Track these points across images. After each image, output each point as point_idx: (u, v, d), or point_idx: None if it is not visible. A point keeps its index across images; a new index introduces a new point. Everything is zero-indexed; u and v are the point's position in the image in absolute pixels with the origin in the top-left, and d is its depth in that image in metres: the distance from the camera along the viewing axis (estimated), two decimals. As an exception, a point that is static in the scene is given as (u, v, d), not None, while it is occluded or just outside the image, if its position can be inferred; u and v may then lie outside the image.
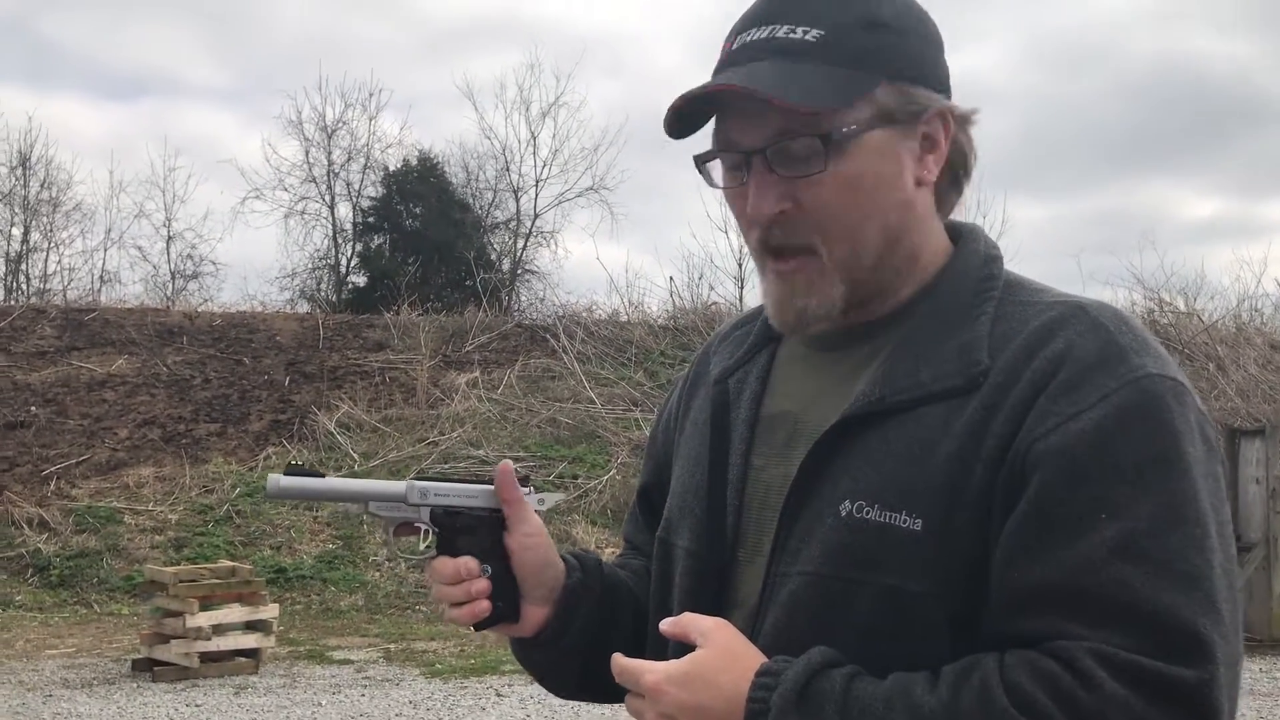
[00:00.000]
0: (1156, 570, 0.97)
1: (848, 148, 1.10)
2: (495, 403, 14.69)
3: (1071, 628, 0.97)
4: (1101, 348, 1.05)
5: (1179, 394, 1.04)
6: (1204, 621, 0.96)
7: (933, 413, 1.07)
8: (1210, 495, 1.01)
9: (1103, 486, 1.00)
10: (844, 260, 1.12)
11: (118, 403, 14.56)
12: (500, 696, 7.65)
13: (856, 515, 1.07)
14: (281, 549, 11.85)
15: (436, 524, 1.27)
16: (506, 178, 24.60)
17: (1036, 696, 0.95)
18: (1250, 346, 16.73)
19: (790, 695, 1.01)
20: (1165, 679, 0.94)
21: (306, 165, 24.05)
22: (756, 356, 1.27)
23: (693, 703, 1.05)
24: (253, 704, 7.44)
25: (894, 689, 1.00)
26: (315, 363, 15.78)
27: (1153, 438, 1.01)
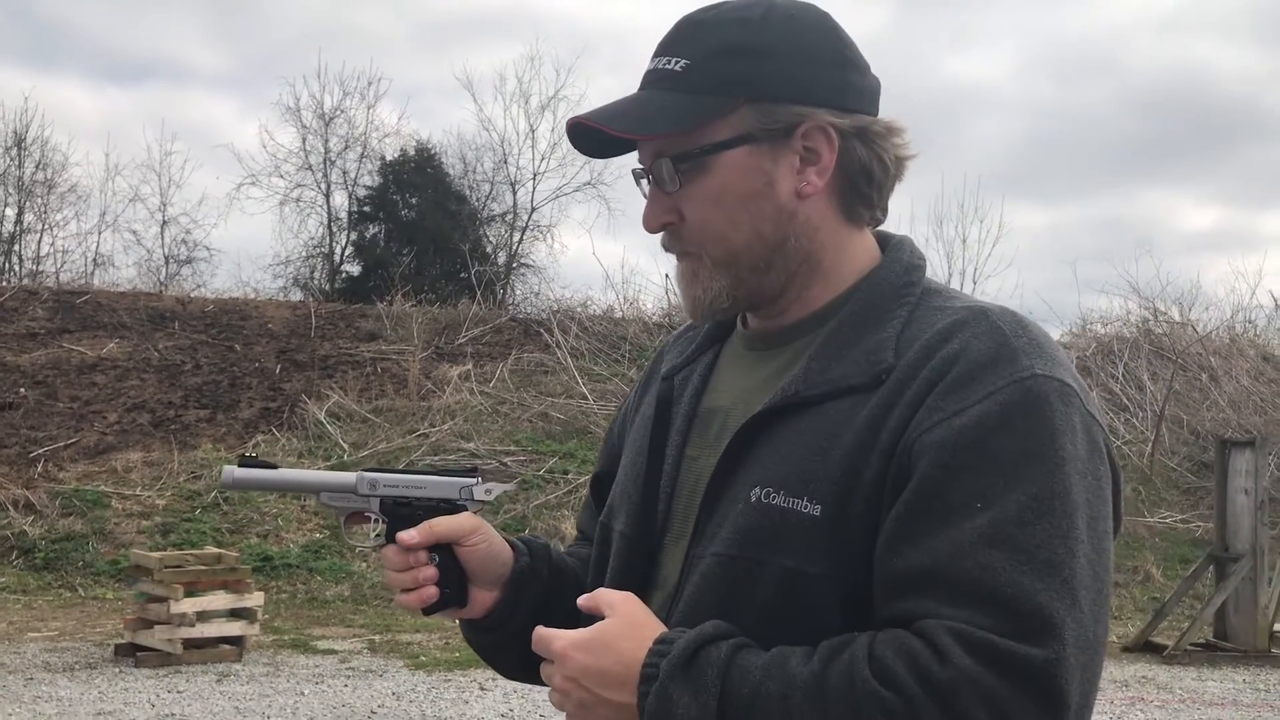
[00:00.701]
0: (1020, 557, 1.03)
1: (709, 165, 1.21)
2: (487, 396, 14.66)
3: (937, 608, 1.04)
4: (994, 349, 1.12)
5: (1064, 394, 1.10)
6: (1058, 606, 1.02)
7: (839, 407, 1.16)
8: (1085, 492, 1.08)
9: (978, 478, 1.06)
10: (721, 261, 1.23)
11: (108, 386, 14.51)
12: (484, 690, 7.63)
13: (764, 501, 1.15)
14: (268, 537, 11.82)
15: (386, 514, 1.33)
16: (504, 170, 24.57)
17: (896, 670, 1.02)
18: (1243, 358, 16.77)
19: (677, 661, 1.09)
20: (1014, 656, 1.00)
21: (303, 153, 24.00)
22: (702, 356, 1.37)
23: (595, 667, 1.12)
24: (235, 692, 7.41)
25: (773, 659, 1.07)
26: (307, 351, 15.74)
27: (1030, 434, 1.07)
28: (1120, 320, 18.13)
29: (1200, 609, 9.65)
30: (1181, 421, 14.94)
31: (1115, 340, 17.21)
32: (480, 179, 24.55)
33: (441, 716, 6.93)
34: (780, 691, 1.05)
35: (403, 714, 6.97)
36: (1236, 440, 10.14)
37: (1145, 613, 10.60)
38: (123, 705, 6.99)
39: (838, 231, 1.26)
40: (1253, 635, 9.30)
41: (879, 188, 1.26)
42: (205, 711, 6.89)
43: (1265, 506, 9.62)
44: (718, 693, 1.06)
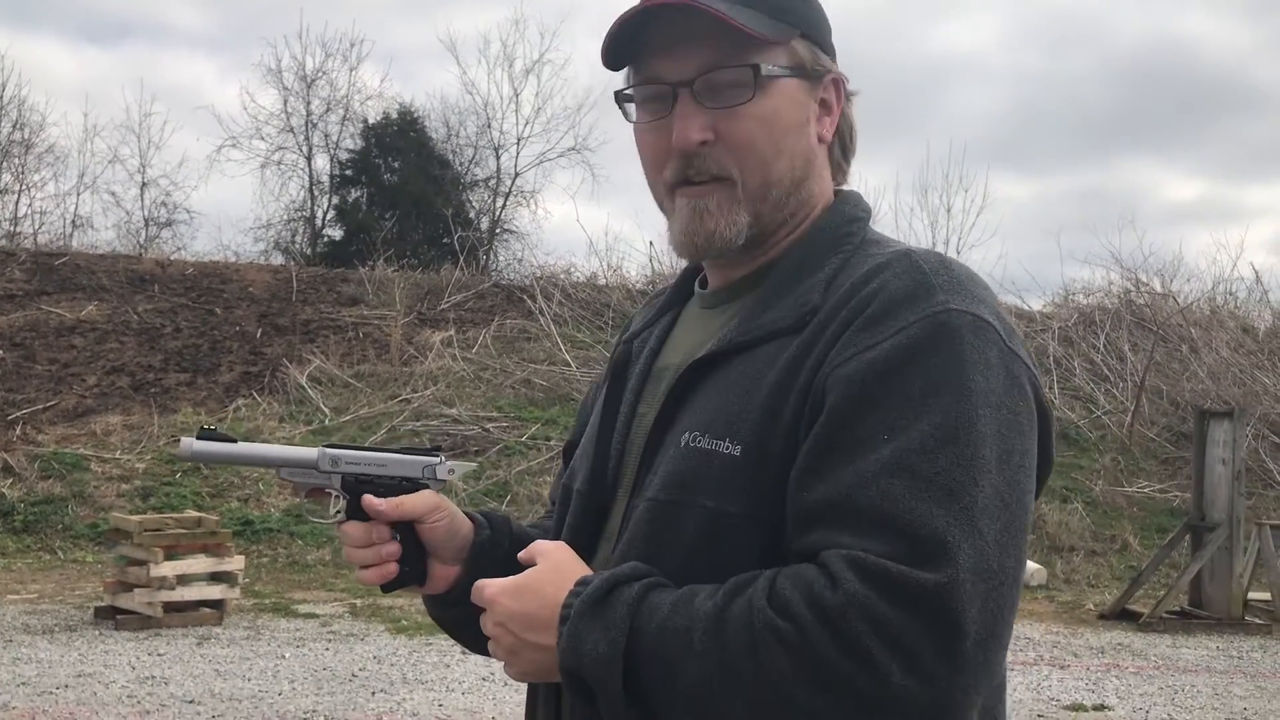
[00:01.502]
0: (919, 484, 1.03)
1: (770, 86, 1.20)
2: (469, 362, 14.63)
3: (839, 538, 1.04)
4: (911, 286, 1.12)
5: (978, 329, 1.10)
6: (955, 532, 1.01)
7: (767, 351, 1.16)
8: (997, 424, 1.06)
9: (885, 411, 1.06)
10: (755, 190, 1.21)
11: (87, 349, 14.41)
12: (465, 654, 7.62)
13: (691, 445, 1.16)
14: (249, 501, 11.80)
15: (348, 490, 1.33)
16: (487, 135, 24.39)
17: (791, 598, 1.02)
18: (1223, 330, 16.86)
19: (588, 600, 1.10)
20: (905, 580, 1.00)
21: (285, 115, 23.76)
22: (661, 319, 1.38)
23: (520, 610, 1.15)
24: (216, 655, 7.42)
25: (681, 596, 1.09)
26: (288, 315, 15.66)
27: (939, 366, 1.07)
28: (1102, 291, 18.20)
29: (1176, 577, 9.75)
30: (1161, 392, 15.03)
31: (1097, 311, 17.28)
32: (463, 143, 24.40)
33: (423, 680, 6.95)
34: (684, 625, 1.06)
35: (384, 677, 6.99)
36: (1215, 411, 10.21)
37: (1122, 581, 10.71)
38: (103, 668, 6.99)
39: (825, 185, 1.28)
40: (1227, 603, 9.41)
41: (853, 152, 1.30)
42: (185, 674, 6.89)
43: (1242, 477, 9.70)
44: (626, 629, 1.07)
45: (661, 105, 1.22)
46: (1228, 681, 7.53)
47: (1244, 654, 8.49)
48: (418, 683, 6.89)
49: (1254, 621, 9.45)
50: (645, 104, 1.24)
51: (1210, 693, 7.22)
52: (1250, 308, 18.39)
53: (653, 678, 1.07)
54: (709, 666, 1.04)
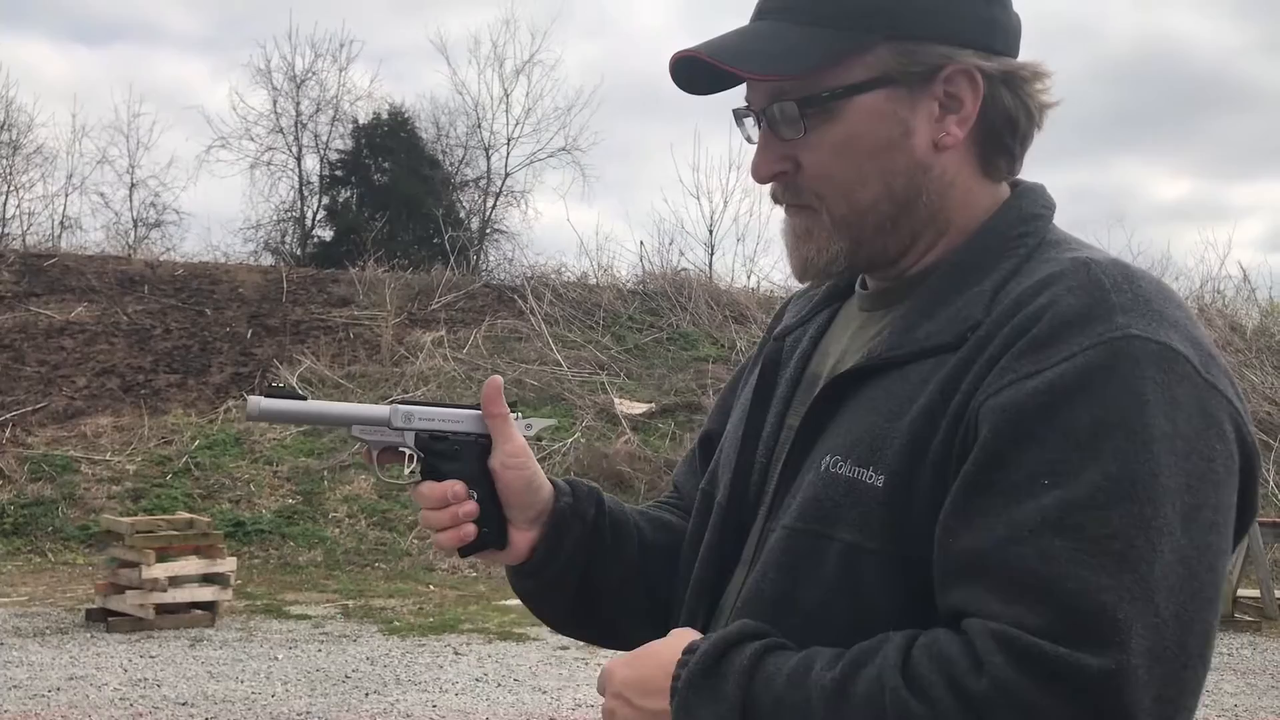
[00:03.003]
0: (1086, 546, 0.89)
1: (838, 111, 1.08)
2: (460, 362, 14.62)
3: (987, 603, 0.91)
4: (1086, 304, 0.98)
5: (1166, 359, 0.95)
6: (1126, 607, 0.88)
7: (920, 369, 1.04)
8: (1184, 474, 0.92)
9: (1049, 451, 0.93)
10: (843, 219, 1.11)
11: (76, 350, 14.36)
12: (458, 655, 7.65)
13: (832, 470, 1.06)
14: (240, 503, 11.77)
15: (421, 449, 1.25)
16: (478, 135, 24.38)
17: (928, 677, 0.91)
18: (1211, 328, 16.93)
19: (697, 670, 1.01)
20: (1064, 664, 0.87)
21: (274, 115, 23.72)
22: (816, 317, 1.26)
23: (634, 677, 1.06)
24: (208, 656, 7.40)
25: (799, 664, 0.98)
26: (278, 316, 15.62)
27: (1115, 403, 0.93)
28: (1091, 290, 18.21)
29: (1166, 575, 9.78)
30: (1150, 390, 15.07)
31: (1086, 310, 17.31)
32: (454, 143, 24.40)
33: (415, 681, 6.95)
34: (802, 700, 0.96)
35: (376, 678, 6.99)
36: (1204, 409, 10.24)
37: (1112, 579, 10.74)
38: (94, 670, 6.97)
39: (972, 188, 1.13)
40: (1217, 601, 9.45)
41: (1022, 139, 1.13)
42: (178, 676, 6.88)
43: (1231, 474, 9.73)
44: (739, 706, 0.98)
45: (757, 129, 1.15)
46: (1217, 679, 7.56)
47: (1234, 651, 8.52)
48: (411, 684, 6.89)
49: (1243, 619, 9.49)
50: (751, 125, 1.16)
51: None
52: (1238, 306, 18.47)
53: None
54: None
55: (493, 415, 1.23)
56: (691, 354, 15.29)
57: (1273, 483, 13.14)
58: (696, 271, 18.80)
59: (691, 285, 17.52)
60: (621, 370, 14.94)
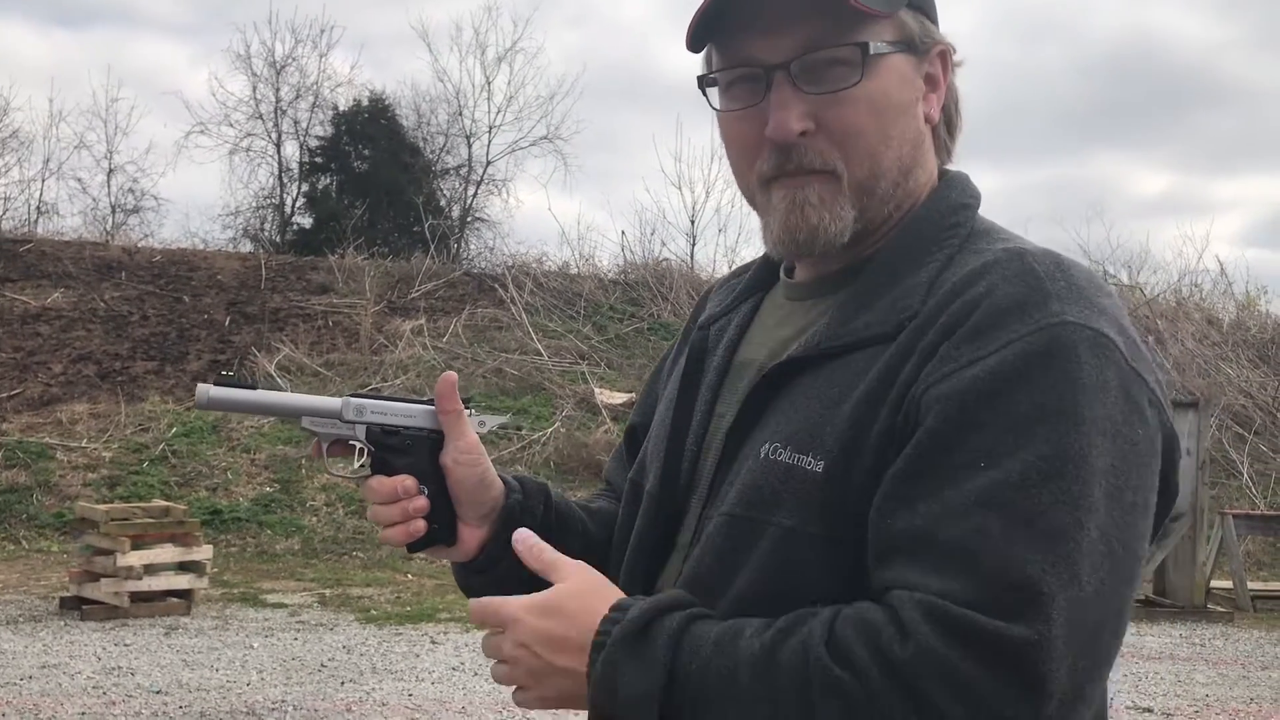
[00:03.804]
0: (1016, 523, 0.92)
1: (878, 65, 1.07)
2: (440, 351, 14.58)
3: (914, 576, 0.93)
4: (1022, 293, 0.99)
5: (1098, 345, 0.97)
6: (1051, 581, 0.90)
7: (858, 359, 1.06)
8: (1111, 456, 0.95)
9: (985, 435, 0.95)
10: (862, 183, 1.09)
11: (52, 337, 14.26)
12: (435, 644, 7.65)
13: (771, 457, 1.07)
14: (218, 490, 11.72)
15: (372, 442, 1.23)
16: (459, 123, 24.26)
17: (854, 647, 0.92)
18: (1189, 321, 17.04)
19: (628, 630, 1.01)
20: (989, 633, 0.89)
21: (254, 101, 23.55)
22: (741, 305, 1.25)
23: (548, 631, 1.04)
24: (183, 645, 7.37)
25: (726, 631, 1.00)
26: (257, 304, 15.55)
27: (1051, 389, 0.95)
28: (1070, 283, 18.31)
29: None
30: (1127, 383, 15.17)
31: (1065, 302, 17.40)
32: (435, 131, 24.27)
33: (392, 669, 6.94)
34: (729, 667, 0.97)
35: (353, 667, 6.97)
36: (1180, 401, 10.32)
37: (1087, 570, 10.81)
38: (68, 658, 6.93)
39: (930, 170, 1.15)
40: (1190, 592, 9.53)
41: (960, 125, 1.17)
42: (153, 664, 6.85)
43: (1206, 467, 9.83)
44: (666, 667, 0.98)
45: (753, 90, 1.09)
46: (1190, 669, 7.63)
47: (1206, 641, 8.60)
48: (387, 672, 6.88)
49: (1216, 610, 9.59)
50: (733, 88, 1.11)
51: (1173, 680, 7.31)
52: (1215, 300, 18.60)
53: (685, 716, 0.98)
54: (755, 715, 0.95)
55: (446, 411, 1.23)
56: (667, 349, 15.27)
57: (1247, 475, 13.25)
58: (678, 261, 18.81)
59: (673, 275, 17.52)
60: (602, 360, 14.93)
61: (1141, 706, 6.63)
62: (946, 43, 1.13)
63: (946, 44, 1.13)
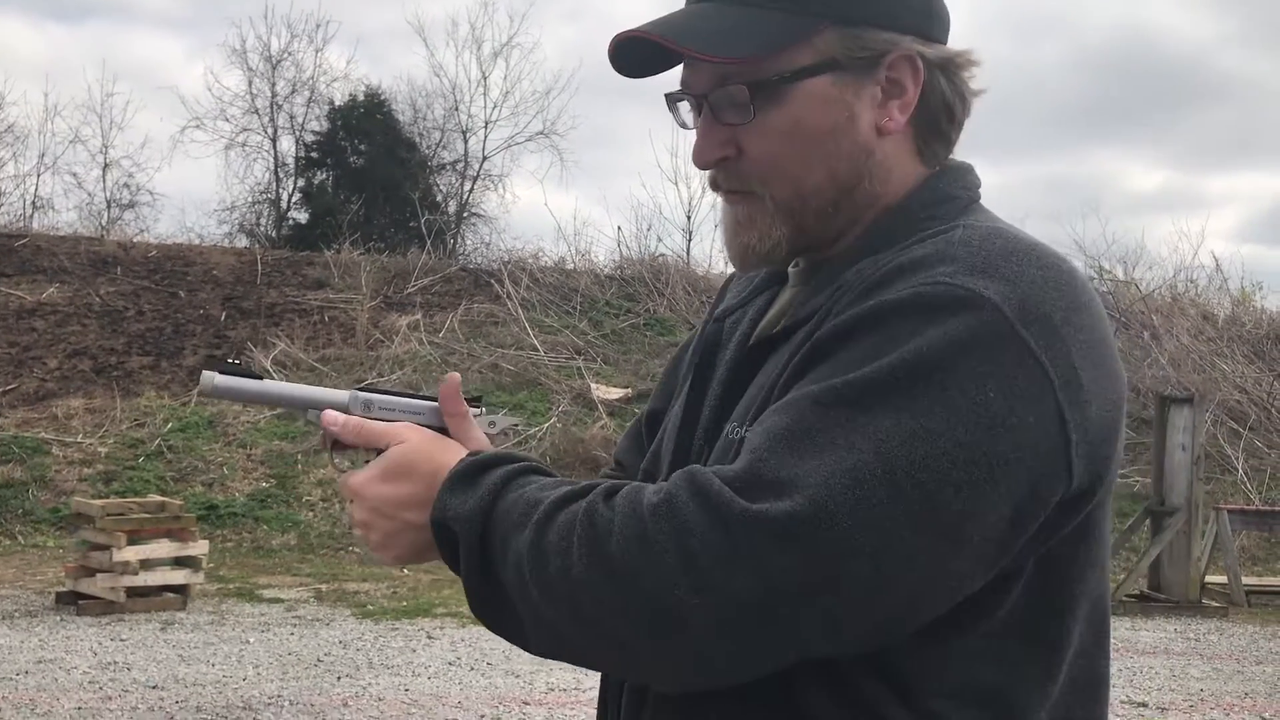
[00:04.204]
0: (793, 429, 0.95)
1: (785, 95, 1.09)
2: (436, 346, 14.57)
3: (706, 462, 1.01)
4: (925, 256, 1.01)
5: (967, 303, 0.96)
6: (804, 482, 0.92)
7: (799, 336, 1.08)
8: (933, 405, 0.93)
9: (824, 369, 0.99)
10: (786, 204, 1.11)
11: (48, 332, 14.24)
12: (431, 639, 7.65)
13: (731, 436, 1.10)
14: (214, 486, 11.71)
15: None
16: (455, 118, 24.24)
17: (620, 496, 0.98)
18: (1184, 317, 17.06)
19: (472, 463, 1.07)
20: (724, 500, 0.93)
21: (249, 96, 23.50)
22: (756, 298, 1.25)
23: (395, 493, 1.10)
24: (179, 640, 7.37)
25: (554, 480, 1.06)
26: (252, 299, 15.53)
27: (891, 338, 0.96)
28: (1066, 278, 18.31)
29: (1136, 561, 9.89)
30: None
31: (1060, 298, 17.39)
32: (431, 126, 24.24)
33: (388, 665, 6.94)
34: (535, 499, 1.02)
35: (349, 662, 6.98)
36: (1176, 397, 10.34)
37: (1083, 565, 10.83)
38: (64, 653, 6.93)
39: (911, 172, 1.14)
40: (1185, 587, 9.56)
41: (958, 126, 1.15)
42: (148, 659, 6.85)
43: (1201, 462, 9.84)
44: (494, 493, 1.04)
45: (695, 114, 1.15)
46: (1185, 663, 7.65)
47: (1201, 636, 8.62)
48: (383, 667, 6.88)
49: (1211, 605, 9.61)
50: (687, 111, 1.17)
51: (1168, 674, 7.33)
52: (1210, 295, 18.62)
53: (494, 541, 1.03)
54: (531, 537, 0.99)
55: (450, 415, 1.22)
56: (668, 340, 15.29)
57: (1242, 470, 13.28)
58: (674, 257, 18.82)
59: (669, 271, 17.52)
60: (598, 355, 14.93)
61: (1136, 701, 6.65)
62: (909, 48, 1.10)
63: (910, 49, 1.10)
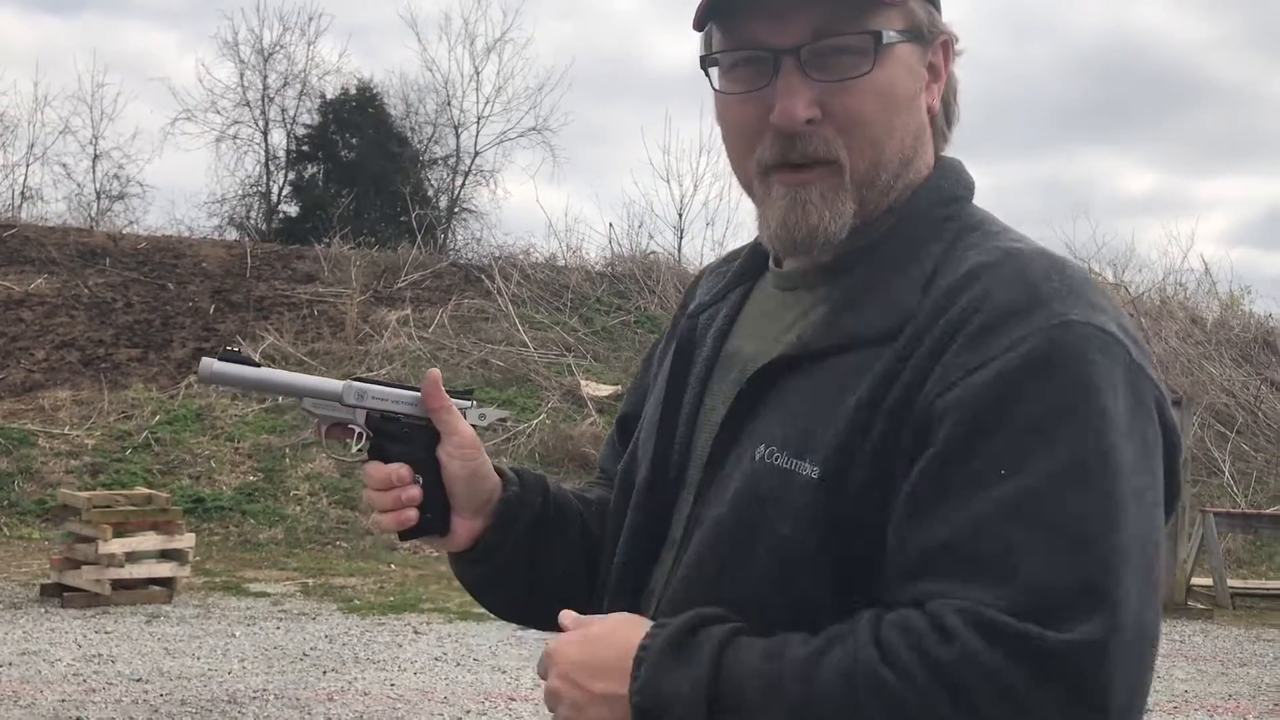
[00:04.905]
0: (1046, 531, 0.90)
1: (887, 55, 1.05)
2: (426, 341, 14.55)
3: (950, 588, 0.91)
4: (1019, 295, 0.98)
5: (1105, 345, 0.96)
6: (1094, 586, 0.89)
7: (854, 359, 1.03)
8: (1129, 455, 0.93)
9: (1003, 441, 0.93)
10: (864, 175, 1.07)
11: (35, 323, 14.17)
12: (417, 634, 7.64)
13: (767, 461, 1.04)
14: (201, 479, 11.68)
15: (371, 427, 1.24)
16: (447, 113, 24.19)
17: (898, 648, 0.91)
18: (1173, 320, 17.12)
19: (672, 635, 0.99)
20: (1029, 640, 0.88)
21: (241, 88, 23.43)
22: (730, 294, 1.23)
23: (586, 659, 1.03)
24: (165, 633, 7.35)
25: (774, 641, 0.98)
26: (242, 292, 15.48)
27: (1063, 389, 0.93)
28: (1056, 280, 18.36)
29: (1122, 563, 9.92)
30: (1111, 381, 15.23)
31: (1050, 300, 17.44)
32: (422, 121, 24.20)
33: (375, 659, 6.93)
34: (775, 670, 0.95)
35: (335, 656, 6.96)
36: (1163, 400, 10.38)
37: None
38: (48, 645, 6.90)
39: (927, 164, 1.13)
40: (1170, 589, 9.59)
41: (957, 117, 1.15)
42: (133, 652, 6.82)
43: (1188, 465, 9.88)
44: (713, 671, 0.96)
45: (758, 74, 1.06)
46: (1169, 665, 7.68)
47: (1186, 638, 8.66)
48: (369, 662, 6.87)
49: (1196, 606, 9.66)
50: (736, 71, 1.08)
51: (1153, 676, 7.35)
52: (1199, 299, 18.68)
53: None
54: (798, 716, 0.93)
55: (434, 409, 1.22)
56: (658, 337, 15.27)
57: (1228, 473, 13.33)
58: (665, 255, 18.80)
59: (660, 269, 17.51)
60: (588, 352, 14.92)
61: (1121, 702, 6.67)
62: (950, 32, 1.11)
63: (950, 33, 1.11)
